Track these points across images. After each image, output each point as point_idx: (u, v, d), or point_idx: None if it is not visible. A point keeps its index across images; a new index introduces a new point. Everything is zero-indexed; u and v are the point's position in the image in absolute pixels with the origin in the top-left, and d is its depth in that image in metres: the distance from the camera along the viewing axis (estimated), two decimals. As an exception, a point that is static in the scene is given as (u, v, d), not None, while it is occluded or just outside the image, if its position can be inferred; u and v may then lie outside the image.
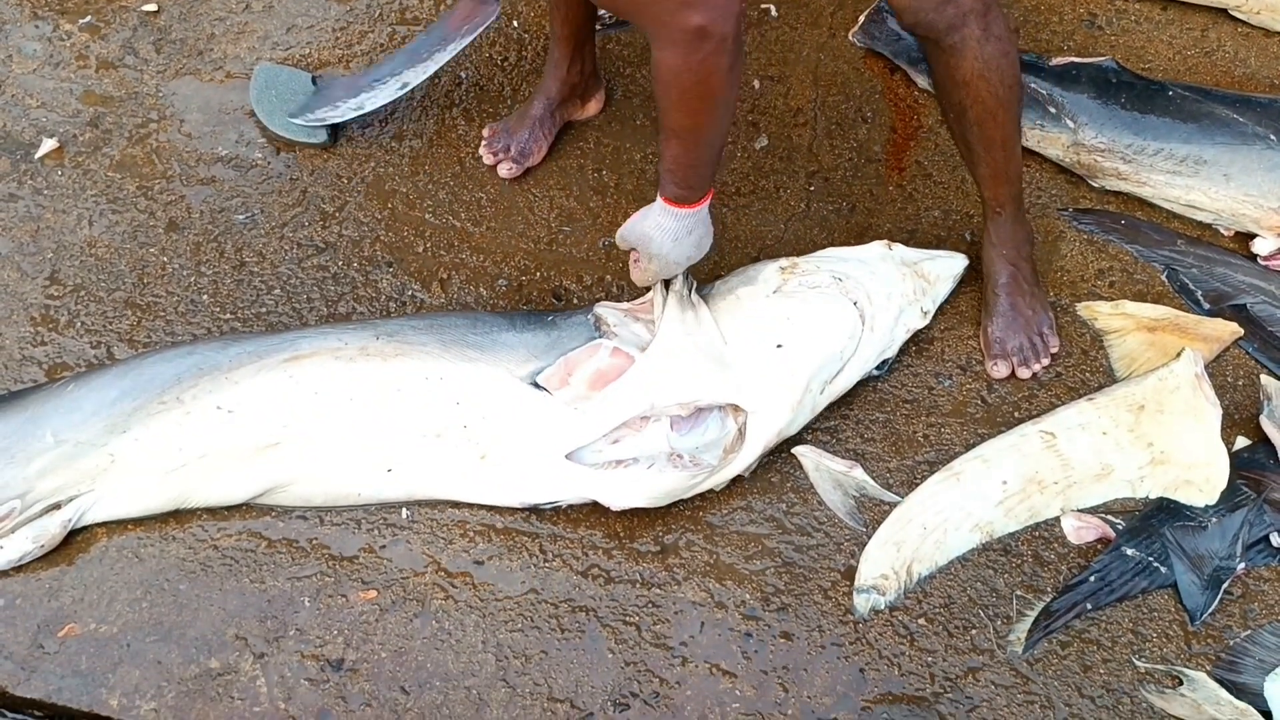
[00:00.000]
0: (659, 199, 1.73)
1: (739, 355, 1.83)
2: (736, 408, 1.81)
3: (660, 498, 1.78)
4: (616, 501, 1.77)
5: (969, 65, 1.75)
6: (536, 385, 1.79)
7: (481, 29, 2.17)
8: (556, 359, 1.81)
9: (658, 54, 1.54)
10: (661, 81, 1.56)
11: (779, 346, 1.83)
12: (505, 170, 2.17)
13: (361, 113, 2.18)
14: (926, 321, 1.96)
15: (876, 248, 1.97)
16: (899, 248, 1.98)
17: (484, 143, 2.20)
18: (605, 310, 1.88)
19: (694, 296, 1.87)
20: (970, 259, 2.01)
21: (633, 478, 1.77)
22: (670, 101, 1.59)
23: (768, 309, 1.87)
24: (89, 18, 2.36)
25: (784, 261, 1.93)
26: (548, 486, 1.79)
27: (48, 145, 2.18)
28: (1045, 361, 1.98)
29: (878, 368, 1.93)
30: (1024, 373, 1.97)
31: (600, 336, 1.83)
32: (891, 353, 1.93)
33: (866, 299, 1.89)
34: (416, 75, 2.18)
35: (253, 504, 1.80)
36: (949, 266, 2.00)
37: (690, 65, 1.52)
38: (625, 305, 1.90)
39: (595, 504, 1.81)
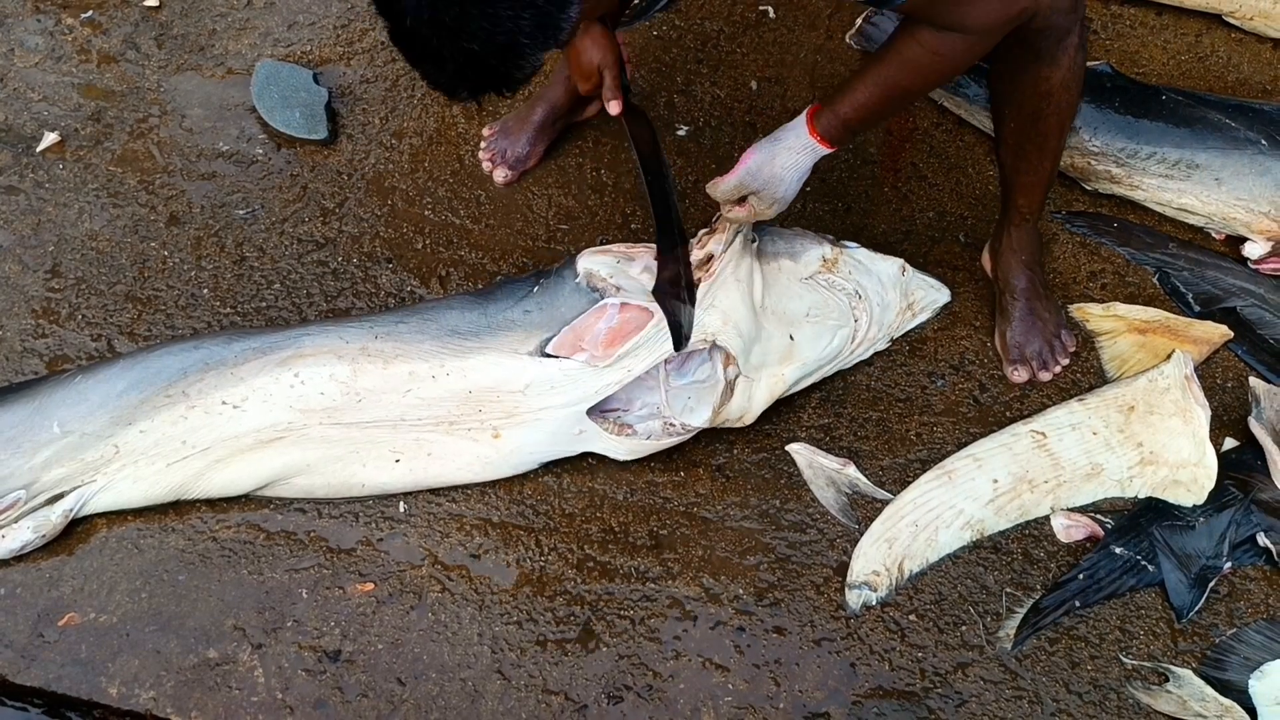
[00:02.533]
0: (805, 136, 1.68)
1: (764, 322, 1.86)
2: (729, 359, 1.81)
3: (659, 448, 1.83)
4: (622, 455, 1.82)
5: (1060, 75, 1.71)
6: (546, 355, 1.80)
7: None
8: (560, 328, 1.81)
9: (951, 38, 1.50)
10: (941, 55, 1.53)
11: (791, 338, 1.86)
12: (500, 177, 2.18)
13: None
14: (887, 347, 2.00)
15: (894, 268, 1.99)
16: (911, 273, 2.00)
17: (483, 144, 2.21)
18: (594, 264, 1.86)
19: (753, 246, 1.88)
20: (957, 275, 2.06)
21: (633, 443, 1.81)
22: (920, 65, 1.55)
23: (799, 295, 1.90)
24: (91, 12, 2.38)
25: (829, 251, 1.95)
26: (558, 446, 1.83)
27: (49, 139, 2.20)
28: (1065, 362, 1.99)
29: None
30: (1045, 376, 1.98)
31: (597, 295, 1.83)
32: (846, 366, 1.97)
33: (866, 324, 1.93)
34: None
35: (253, 496, 1.82)
36: (934, 299, 2.03)
37: (981, 49, 1.51)
38: (614, 249, 1.89)
39: (591, 499, 1.83)
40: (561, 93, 2.15)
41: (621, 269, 1.85)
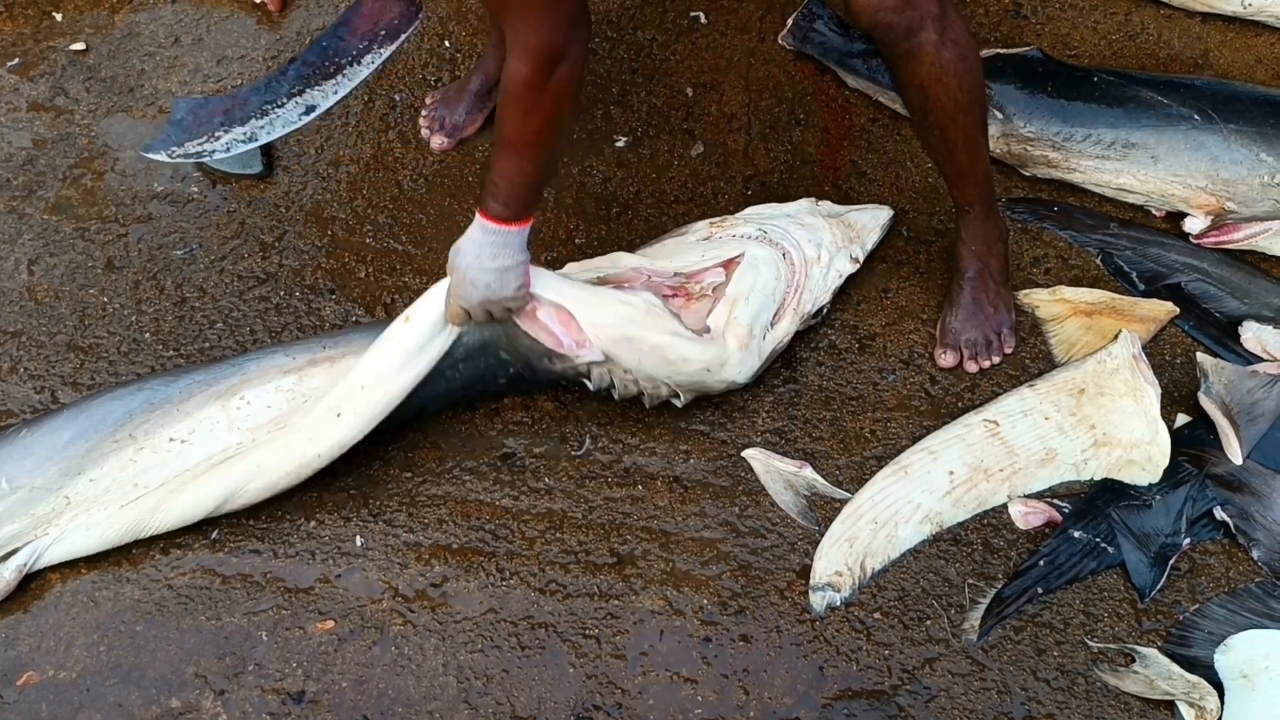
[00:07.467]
0: (477, 213, 1.69)
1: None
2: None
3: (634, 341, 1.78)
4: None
5: (925, 70, 1.73)
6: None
7: (404, 37, 1.87)
8: None
9: (511, 63, 1.55)
10: (510, 93, 1.57)
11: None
12: (436, 143, 2.23)
13: (254, 144, 1.89)
14: (857, 267, 2.02)
15: (803, 203, 2.04)
16: (825, 203, 2.06)
17: (424, 111, 2.26)
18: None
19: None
20: (896, 213, 2.11)
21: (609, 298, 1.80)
22: (514, 114, 1.60)
23: (696, 255, 1.92)
24: (17, 60, 2.35)
25: (714, 218, 2.00)
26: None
27: (-19, 191, 2.17)
28: (996, 360, 1.99)
29: (814, 316, 1.97)
30: (971, 366, 1.99)
31: None
32: (825, 299, 1.97)
33: (794, 246, 1.95)
34: (325, 98, 1.88)
35: (206, 540, 1.80)
36: (875, 217, 2.08)
37: (539, 81, 1.54)
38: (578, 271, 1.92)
39: (550, 520, 1.82)
40: (494, 63, 2.19)
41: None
